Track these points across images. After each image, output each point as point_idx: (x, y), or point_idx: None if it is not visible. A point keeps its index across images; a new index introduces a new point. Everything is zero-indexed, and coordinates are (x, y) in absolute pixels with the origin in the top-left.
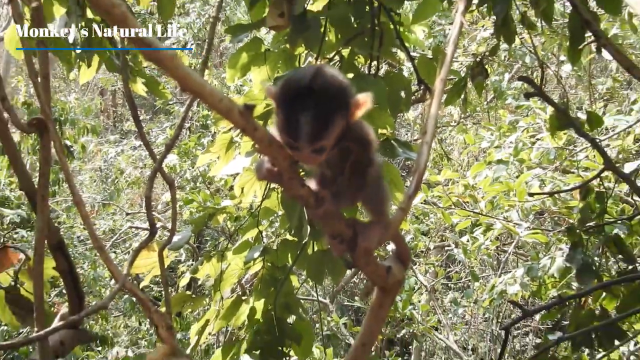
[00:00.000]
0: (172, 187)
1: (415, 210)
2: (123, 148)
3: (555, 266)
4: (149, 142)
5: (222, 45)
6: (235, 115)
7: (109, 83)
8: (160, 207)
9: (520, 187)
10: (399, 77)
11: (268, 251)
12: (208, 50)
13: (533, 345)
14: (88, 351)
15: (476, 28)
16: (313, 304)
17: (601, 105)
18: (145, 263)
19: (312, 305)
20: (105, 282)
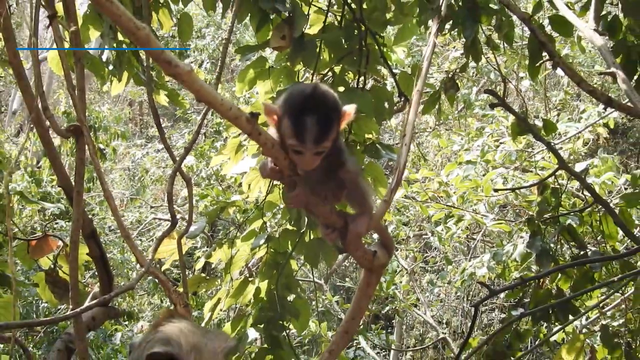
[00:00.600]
0: (189, 184)
1: (397, 204)
2: (148, 151)
3: (517, 252)
4: (169, 145)
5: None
6: (242, 122)
7: (136, 95)
8: (179, 201)
9: (487, 183)
10: (382, 90)
11: (271, 239)
12: (221, 68)
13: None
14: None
15: (448, 49)
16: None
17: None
18: (167, 249)
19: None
20: (132, 266)
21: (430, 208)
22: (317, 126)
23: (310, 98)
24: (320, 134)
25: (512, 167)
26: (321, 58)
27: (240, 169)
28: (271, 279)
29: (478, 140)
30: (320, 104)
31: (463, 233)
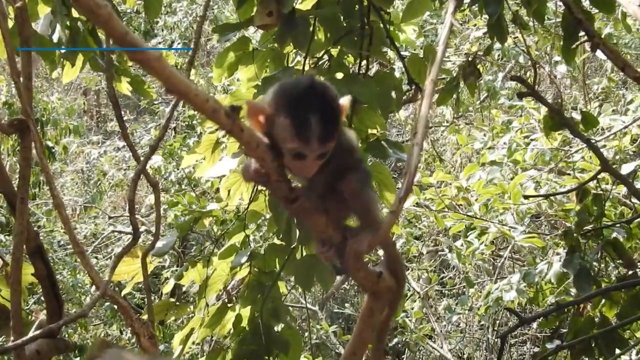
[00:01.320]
0: (156, 190)
1: (407, 214)
2: (106, 149)
3: (553, 271)
4: (132, 143)
5: (209, 45)
6: (221, 116)
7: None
8: (143, 211)
9: (515, 189)
10: (389, 76)
11: (255, 256)
12: (195, 50)
13: (531, 355)
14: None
15: (468, 27)
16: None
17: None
18: (128, 269)
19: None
20: (86, 289)
21: (447, 219)
22: (322, 124)
23: (310, 92)
24: (326, 132)
25: (545, 169)
26: (315, 38)
27: (218, 171)
28: (255, 305)
29: (504, 137)
30: (322, 98)
31: (487, 249)
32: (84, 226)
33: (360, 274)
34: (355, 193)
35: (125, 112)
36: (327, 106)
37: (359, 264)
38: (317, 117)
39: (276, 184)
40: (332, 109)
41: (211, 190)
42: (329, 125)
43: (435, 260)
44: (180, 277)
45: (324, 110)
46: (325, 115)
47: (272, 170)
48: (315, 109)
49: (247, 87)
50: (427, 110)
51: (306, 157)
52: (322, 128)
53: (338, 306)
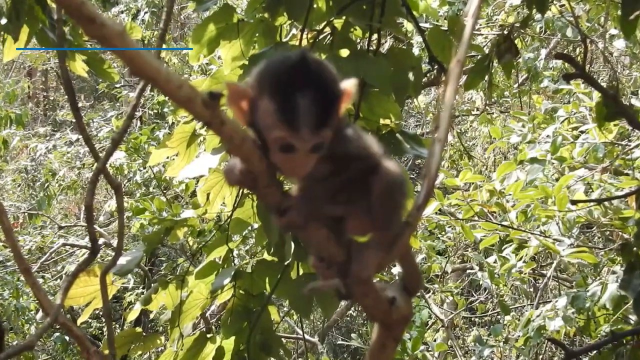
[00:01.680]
0: (118, 193)
1: (427, 223)
2: (56, 143)
3: (608, 294)
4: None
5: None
6: (197, 106)
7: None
8: (102, 219)
9: (561, 193)
10: (406, 54)
11: (240, 275)
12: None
13: None
14: None
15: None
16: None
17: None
18: (84, 292)
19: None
20: (31, 316)
21: (477, 229)
22: (315, 107)
23: (301, 68)
24: (320, 118)
25: (598, 169)
26: (314, 7)
27: (195, 170)
28: (240, 336)
29: (547, 129)
30: (316, 76)
31: (526, 266)
32: (28, 238)
33: (367, 301)
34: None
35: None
36: (321, 86)
37: (366, 289)
38: (308, 98)
39: (265, 189)
40: (328, 89)
41: (185, 194)
42: (324, 108)
43: (462, 281)
44: (148, 301)
45: (318, 91)
46: (318, 97)
47: (261, 172)
48: (306, 88)
49: (230, 68)
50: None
51: (296, 149)
52: (314, 112)
53: (342, 337)
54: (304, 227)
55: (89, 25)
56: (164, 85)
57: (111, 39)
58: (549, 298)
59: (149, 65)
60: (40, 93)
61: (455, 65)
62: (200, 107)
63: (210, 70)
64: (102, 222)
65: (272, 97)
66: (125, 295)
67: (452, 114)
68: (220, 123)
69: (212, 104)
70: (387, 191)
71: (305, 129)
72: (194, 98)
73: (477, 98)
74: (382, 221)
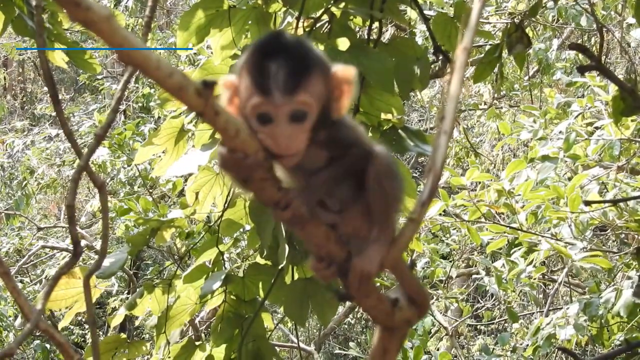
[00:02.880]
0: (102, 192)
1: (431, 225)
2: (34, 138)
3: (623, 301)
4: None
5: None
6: (190, 95)
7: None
8: (83, 220)
9: (574, 193)
10: (409, 44)
11: (232, 279)
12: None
13: None
14: None
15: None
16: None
17: None
18: (65, 294)
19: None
20: (9, 322)
21: (484, 232)
22: (287, 69)
23: (275, 39)
24: (292, 81)
25: (613, 167)
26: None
27: (183, 168)
28: (231, 343)
29: (560, 124)
30: (289, 45)
31: (536, 271)
32: (6, 240)
33: (369, 302)
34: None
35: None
36: (293, 53)
37: (367, 289)
38: (278, 63)
39: (261, 182)
40: (301, 57)
41: (173, 194)
42: (296, 73)
43: (468, 286)
44: (133, 306)
45: (290, 58)
46: (290, 62)
47: (256, 163)
48: (278, 55)
49: (221, 58)
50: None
51: (272, 117)
52: (284, 75)
53: (340, 346)
54: (309, 220)
55: (74, 9)
56: (154, 73)
57: (98, 23)
58: (560, 305)
59: (138, 52)
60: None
61: (461, 52)
62: (193, 96)
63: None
64: (83, 223)
65: (248, 72)
66: (109, 301)
67: (458, 108)
68: (214, 113)
69: (205, 92)
70: (383, 178)
71: (277, 92)
72: (186, 86)
73: (485, 91)
74: (380, 213)
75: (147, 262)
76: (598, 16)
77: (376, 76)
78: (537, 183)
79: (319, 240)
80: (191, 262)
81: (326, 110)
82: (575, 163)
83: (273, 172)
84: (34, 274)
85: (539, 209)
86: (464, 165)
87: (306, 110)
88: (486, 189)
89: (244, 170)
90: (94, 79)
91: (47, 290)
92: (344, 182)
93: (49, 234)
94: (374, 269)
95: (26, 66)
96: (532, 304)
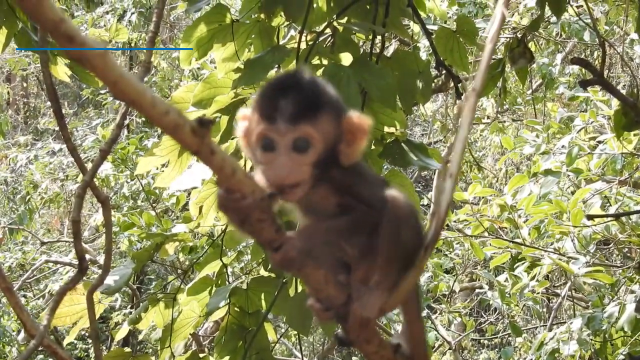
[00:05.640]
0: (105, 207)
1: None
2: (37, 153)
3: (626, 316)
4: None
5: (173, 15)
6: (186, 133)
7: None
8: (87, 234)
9: (576, 207)
10: (412, 57)
11: (235, 291)
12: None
13: None
14: None
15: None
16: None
17: None
18: (70, 311)
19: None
20: (12, 337)
21: (487, 246)
22: (294, 102)
23: (291, 77)
24: (299, 112)
25: (616, 181)
26: (314, 7)
27: (187, 182)
28: (235, 355)
29: (563, 139)
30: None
31: (539, 286)
32: (9, 254)
33: (370, 348)
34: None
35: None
36: (303, 88)
37: (368, 333)
38: (285, 95)
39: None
40: (310, 91)
41: (176, 208)
42: (302, 105)
43: (471, 301)
44: (137, 320)
45: (298, 92)
46: (298, 96)
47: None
48: (291, 91)
49: (224, 72)
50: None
51: (275, 145)
52: (290, 106)
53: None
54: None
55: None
56: (149, 110)
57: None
58: (563, 319)
59: (133, 88)
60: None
61: (471, 93)
62: (189, 135)
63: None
64: (87, 238)
65: (259, 105)
66: (113, 315)
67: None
68: (210, 152)
69: (201, 131)
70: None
71: (281, 120)
72: (182, 125)
73: (488, 105)
74: (384, 258)
75: (150, 277)
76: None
77: (378, 92)
78: (540, 197)
79: (317, 284)
80: (194, 276)
81: (335, 151)
82: (578, 177)
83: (271, 213)
84: (37, 289)
85: (542, 223)
86: (466, 180)
87: (309, 141)
88: (489, 204)
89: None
90: (98, 93)
91: (52, 306)
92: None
93: (52, 249)
94: (373, 315)
95: (29, 81)
96: (535, 318)
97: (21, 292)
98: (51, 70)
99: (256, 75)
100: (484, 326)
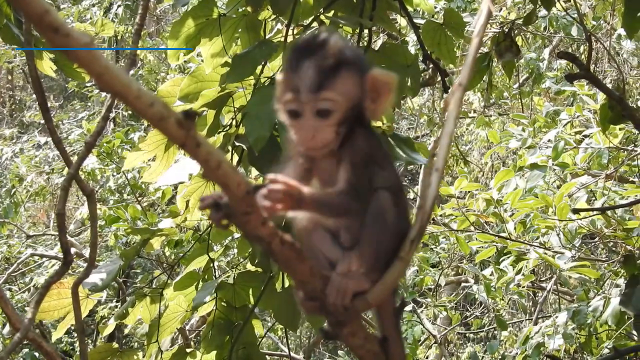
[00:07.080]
0: (91, 200)
1: None
2: (23, 146)
3: (610, 310)
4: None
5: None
6: (171, 125)
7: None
8: (72, 227)
9: (562, 201)
10: (400, 51)
11: (222, 286)
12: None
13: None
14: None
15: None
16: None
17: None
18: (57, 305)
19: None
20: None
21: (472, 241)
22: (315, 70)
23: (313, 38)
24: (320, 78)
25: (602, 175)
26: (300, 0)
27: (174, 177)
28: (222, 350)
29: (549, 133)
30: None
31: (525, 280)
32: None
33: (355, 341)
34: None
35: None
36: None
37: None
38: (310, 61)
39: (243, 217)
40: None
41: (162, 202)
42: (326, 71)
43: (457, 295)
44: (124, 315)
45: (322, 56)
46: (322, 61)
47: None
48: (312, 54)
49: (212, 66)
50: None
51: (300, 114)
52: (314, 73)
53: (330, 354)
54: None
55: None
56: (134, 102)
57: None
58: (549, 312)
59: (118, 80)
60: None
61: (456, 89)
62: (174, 127)
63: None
64: (72, 231)
65: (285, 70)
66: (98, 309)
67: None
68: (196, 145)
69: (187, 123)
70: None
71: (304, 90)
72: (167, 117)
73: (475, 99)
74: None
75: (136, 271)
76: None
77: None
78: (526, 192)
79: (304, 276)
80: (181, 270)
81: (360, 109)
82: (564, 171)
83: (257, 207)
84: (23, 282)
85: (528, 217)
86: (452, 174)
87: (332, 106)
88: (475, 198)
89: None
90: (83, 86)
91: (37, 299)
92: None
93: (38, 242)
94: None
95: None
96: (521, 312)
97: (6, 285)
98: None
99: (245, 71)
100: (469, 320)
